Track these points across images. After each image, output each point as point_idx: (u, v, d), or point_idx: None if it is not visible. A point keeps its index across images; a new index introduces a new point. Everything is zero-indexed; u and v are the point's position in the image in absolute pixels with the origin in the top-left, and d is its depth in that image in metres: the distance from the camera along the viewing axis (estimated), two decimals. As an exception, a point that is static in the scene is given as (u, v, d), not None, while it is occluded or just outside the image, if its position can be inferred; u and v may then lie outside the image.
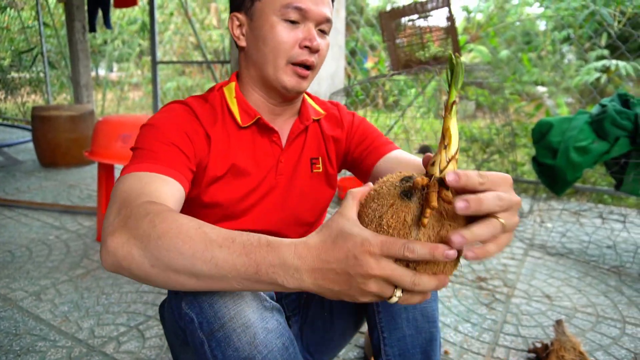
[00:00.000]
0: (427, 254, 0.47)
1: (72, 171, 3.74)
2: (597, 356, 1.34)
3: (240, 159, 0.86)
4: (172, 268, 0.54)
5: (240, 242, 0.53)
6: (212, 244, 0.53)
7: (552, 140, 2.06)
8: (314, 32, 0.81)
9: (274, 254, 0.51)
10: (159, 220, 0.56)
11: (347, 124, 0.99)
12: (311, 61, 0.81)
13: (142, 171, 0.69)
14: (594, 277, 1.88)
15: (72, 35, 4.32)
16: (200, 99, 0.88)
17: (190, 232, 0.54)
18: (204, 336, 0.63)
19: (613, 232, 2.41)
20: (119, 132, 1.87)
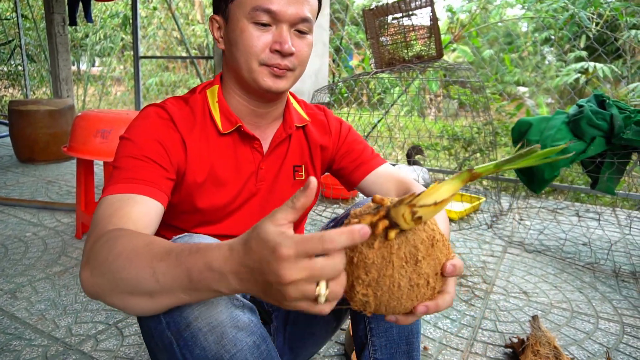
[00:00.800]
0: (346, 240, 0.44)
1: (51, 167, 3.66)
2: (572, 350, 1.37)
3: (220, 166, 0.86)
4: (127, 290, 0.56)
5: (175, 253, 0.53)
6: (153, 259, 0.54)
7: (531, 139, 2.10)
8: (286, 35, 0.78)
9: (202, 259, 0.51)
10: (115, 244, 0.58)
11: (334, 132, 0.99)
12: (284, 65, 0.80)
13: (115, 193, 0.71)
14: (569, 273, 1.92)
15: (52, 28, 4.22)
16: (180, 101, 0.87)
17: (139, 250, 0.56)
18: (171, 335, 0.62)
19: (589, 229, 2.47)
20: (98, 128, 1.84)
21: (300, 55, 0.82)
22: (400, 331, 0.82)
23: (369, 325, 0.83)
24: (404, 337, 0.83)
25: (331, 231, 0.44)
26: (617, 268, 1.97)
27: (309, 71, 2.82)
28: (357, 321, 0.86)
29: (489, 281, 1.83)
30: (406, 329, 0.83)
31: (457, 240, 2.29)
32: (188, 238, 0.68)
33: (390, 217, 0.50)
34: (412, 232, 0.51)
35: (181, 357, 0.62)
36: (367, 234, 0.44)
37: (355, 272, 0.51)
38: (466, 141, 3.38)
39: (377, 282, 0.50)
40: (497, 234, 2.38)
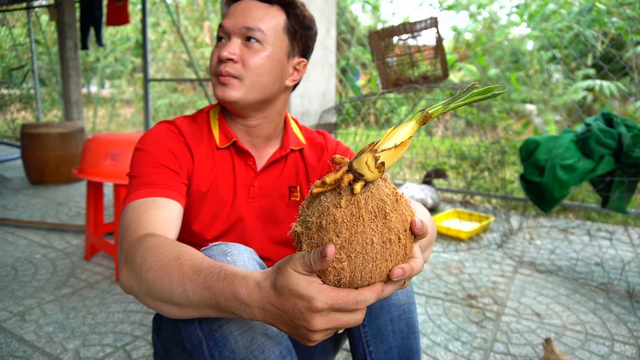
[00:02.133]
0: (377, 297, 0.51)
1: (61, 189, 3.70)
2: (587, 375, 1.33)
3: (220, 178, 0.91)
4: (160, 298, 0.61)
5: (204, 275, 0.57)
6: (184, 276, 0.58)
7: (539, 158, 2.09)
8: (228, 44, 0.85)
9: (229, 288, 0.54)
10: (148, 254, 0.63)
11: (330, 152, 1.01)
12: (224, 71, 0.84)
13: (138, 199, 0.76)
14: (582, 294, 1.89)
15: (64, 52, 4.33)
16: (189, 119, 0.94)
17: (169, 264, 0.60)
18: (202, 335, 0.66)
19: (601, 249, 2.43)
20: (108, 150, 1.87)
21: (247, 62, 0.85)
22: (399, 352, 0.81)
23: (367, 349, 0.82)
24: (404, 357, 0.81)
25: (364, 292, 0.50)
26: (632, 288, 1.93)
27: (316, 92, 2.85)
28: (356, 346, 0.84)
29: (500, 302, 1.80)
30: (406, 349, 0.81)
31: (467, 260, 2.26)
32: (220, 249, 0.71)
33: (353, 170, 0.50)
34: (375, 187, 0.51)
35: (209, 357, 0.65)
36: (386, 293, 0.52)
37: (325, 237, 0.50)
38: (474, 160, 3.37)
39: (350, 242, 0.49)
40: (507, 254, 2.35)
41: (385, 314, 0.80)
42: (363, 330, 0.81)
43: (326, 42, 2.86)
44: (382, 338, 0.80)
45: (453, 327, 1.61)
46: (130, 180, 0.82)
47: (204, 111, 0.95)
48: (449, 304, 1.79)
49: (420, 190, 2.76)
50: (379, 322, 0.80)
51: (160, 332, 0.93)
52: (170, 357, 0.90)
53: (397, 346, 0.80)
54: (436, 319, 1.66)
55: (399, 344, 0.80)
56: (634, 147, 1.88)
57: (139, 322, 1.60)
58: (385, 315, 0.80)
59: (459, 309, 1.74)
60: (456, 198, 3.48)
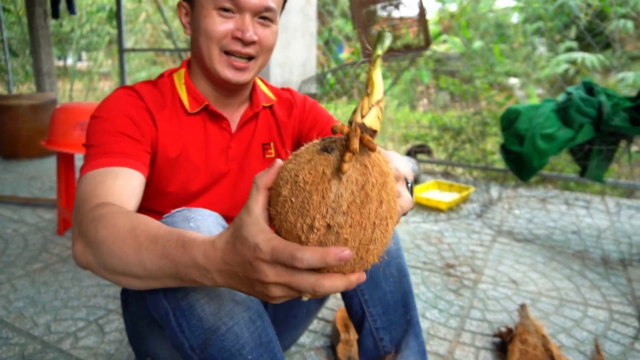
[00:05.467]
0: (318, 262, 0.42)
1: (34, 162, 3.59)
2: (560, 338, 1.36)
3: (191, 145, 0.87)
4: (117, 271, 0.58)
5: (162, 243, 0.54)
6: (140, 247, 0.55)
7: (520, 127, 2.08)
8: (248, 23, 0.79)
9: (187, 255, 0.51)
10: (101, 226, 0.59)
11: (299, 106, 1.00)
12: (245, 52, 0.81)
13: (95, 169, 0.72)
14: (558, 261, 1.91)
15: (33, 20, 4.13)
16: (149, 84, 0.88)
17: (124, 235, 0.57)
18: (168, 305, 0.63)
19: (578, 217, 2.47)
20: (77, 120, 1.79)
21: (264, 43, 0.83)
22: (394, 296, 0.84)
23: (362, 297, 0.84)
24: (399, 300, 0.84)
25: (305, 251, 0.42)
26: (606, 255, 1.96)
27: (296, 62, 2.77)
28: (350, 296, 0.85)
29: (477, 270, 1.81)
30: (399, 292, 0.84)
31: (446, 230, 2.27)
32: (183, 215, 0.68)
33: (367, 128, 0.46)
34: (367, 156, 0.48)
35: (177, 326, 0.62)
36: (345, 258, 0.43)
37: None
38: (455, 131, 3.36)
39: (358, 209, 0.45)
40: (486, 224, 2.36)
41: None
42: None
43: (306, 9, 2.77)
44: (376, 285, 0.83)
45: (431, 296, 1.61)
46: (87, 150, 0.77)
47: (164, 75, 0.90)
48: (428, 273, 1.80)
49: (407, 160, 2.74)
50: (371, 270, 0.81)
51: (127, 306, 0.91)
52: (139, 330, 0.87)
53: (391, 291, 0.84)
54: (414, 288, 1.67)
55: (392, 289, 0.84)
56: (614, 116, 1.88)
57: (113, 295, 1.57)
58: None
59: (437, 278, 1.75)
60: (437, 169, 3.48)
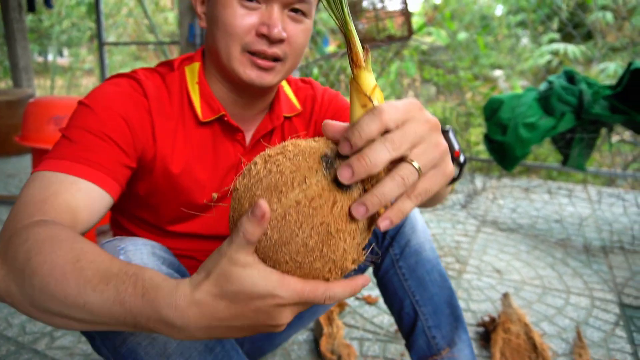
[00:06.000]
0: (350, 294, 0.43)
1: (12, 160, 3.50)
2: (543, 326, 1.36)
3: (197, 159, 0.75)
4: (50, 311, 0.46)
5: (114, 285, 0.43)
6: (85, 286, 0.44)
7: (503, 116, 2.08)
8: (277, 16, 0.65)
9: (151, 308, 0.42)
10: (35, 252, 0.47)
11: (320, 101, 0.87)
12: (270, 52, 0.67)
13: (58, 171, 0.59)
14: (541, 250, 1.92)
15: (7, 13, 4.01)
16: (157, 78, 0.73)
17: (65, 268, 0.45)
18: (108, 352, 0.56)
19: (561, 206, 2.49)
20: (51, 114, 1.74)
21: (294, 42, 0.69)
22: (440, 297, 0.87)
23: (414, 298, 0.87)
24: (445, 300, 0.87)
25: (335, 288, 0.41)
26: (588, 243, 1.98)
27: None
28: (401, 299, 0.88)
29: (462, 260, 1.81)
30: (444, 294, 0.88)
31: (431, 221, 2.27)
32: (112, 246, 0.58)
33: None
34: None
35: None
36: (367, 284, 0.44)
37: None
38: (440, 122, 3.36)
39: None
40: (471, 214, 2.36)
41: (421, 267, 0.86)
42: (406, 284, 0.87)
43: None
44: (424, 287, 0.87)
45: (415, 286, 1.61)
46: (61, 137, 0.64)
47: (173, 66, 0.75)
48: (412, 264, 1.79)
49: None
50: (418, 274, 0.87)
51: None
52: None
53: (437, 293, 0.87)
54: (398, 279, 1.66)
55: (437, 291, 0.87)
56: (594, 104, 1.89)
57: (91, 293, 1.53)
58: (421, 269, 0.86)
59: (421, 269, 1.75)
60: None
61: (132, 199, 0.77)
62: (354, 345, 1.25)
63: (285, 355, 1.21)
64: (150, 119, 0.69)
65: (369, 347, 1.25)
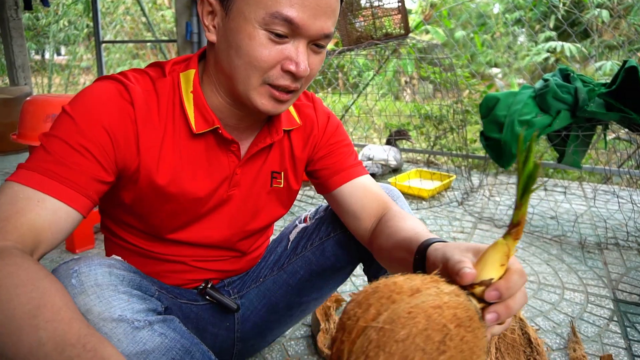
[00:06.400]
0: None
1: (9, 158, 3.49)
2: (538, 321, 1.37)
3: (187, 172, 0.74)
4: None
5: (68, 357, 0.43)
6: (38, 349, 0.43)
7: (499, 114, 2.09)
8: (303, 53, 0.64)
9: None
10: None
11: (320, 128, 0.87)
12: (294, 87, 0.67)
13: (28, 185, 0.58)
14: (537, 246, 1.94)
15: (3, 12, 4.00)
16: (147, 79, 0.71)
17: (21, 323, 0.44)
18: None
19: (556, 203, 2.50)
20: (47, 112, 1.74)
21: (312, 74, 0.69)
22: None
23: None
24: None
25: None
26: (583, 239, 1.99)
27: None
28: None
29: (458, 257, 1.83)
30: None
31: (428, 218, 2.28)
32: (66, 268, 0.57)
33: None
34: None
35: None
36: None
37: None
38: (437, 119, 3.37)
39: None
40: (467, 211, 2.38)
41: None
42: None
43: None
44: None
45: (411, 283, 1.62)
46: (39, 147, 0.62)
47: (165, 70, 0.72)
48: (409, 260, 1.80)
49: (383, 151, 2.74)
50: None
51: None
52: None
53: None
54: (395, 276, 1.67)
55: None
56: (589, 102, 1.90)
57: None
58: None
59: (418, 265, 1.76)
60: (420, 158, 3.50)
61: (119, 206, 0.76)
62: (351, 340, 1.26)
63: (283, 351, 1.22)
64: (135, 128, 0.67)
65: (365, 343, 1.26)
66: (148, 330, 0.54)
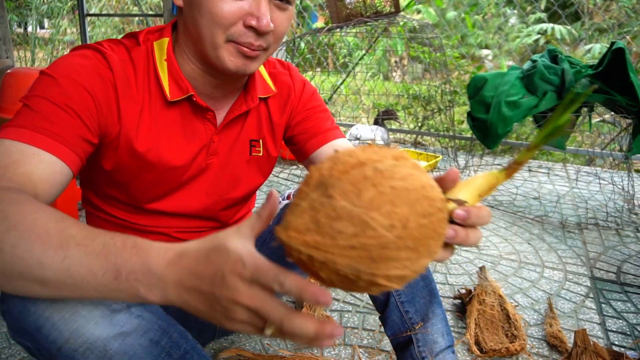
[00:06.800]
0: (295, 292, 0.39)
1: (-9, 134, 3.43)
2: (517, 298, 1.41)
3: (165, 139, 0.74)
4: (15, 272, 0.46)
5: (101, 241, 0.45)
6: (68, 241, 0.45)
7: (486, 95, 2.10)
8: (264, 7, 0.64)
9: (138, 257, 0.44)
10: (13, 210, 0.47)
11: (296, 95, 0.88)
12: (257, 44, 0.66)
13: (20, 140, 0.58)
14: (519, 226, 1.97)
15: (-18, -19, 3.86)
16: (123, 50, 0.71)
17: (48, 225, 0.46)
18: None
19: (540, 184, 2.54)
20: (28, 86, 1.70)
21: (279, 31, 0.68)
22: (417, 283, 0.86)
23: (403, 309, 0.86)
24: (423, 287, 0.86)
25: (287, 277, 0.40)
26: (564, 220, 2.03)
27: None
28: (391, 308, 0.87)
29: (442, 236, 1.85)
30: (421, 281, 0.87)
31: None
32: None
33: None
34: None
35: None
36: (322, 303, 0.40)
37: None
38: (425, 100, 3.37)
39: None
40: (453, 192, 2.40)
41: None
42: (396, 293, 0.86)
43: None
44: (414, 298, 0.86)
45: (395, 260, 1.64)
46: (23, 106, 0.62)
47: (139, 39, 0.72)
48: (394, 239, 1.82)
49: (370, 131, 2.74)
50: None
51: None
52: None
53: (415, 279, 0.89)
54: (380, 253, 1.69)
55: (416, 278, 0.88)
56: (575, 83, 1.91)
57: None
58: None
59: (402, 244, 1.78)
60: (408, 139, 3.50)
61: (101, 175, 0.76)
62: (334, 317, 1.29)
63: (267, 326, 1.24)
64: (116, 94, 0.68)
65: (348, 319, 1.28)
66: (125, 312, 0.54)
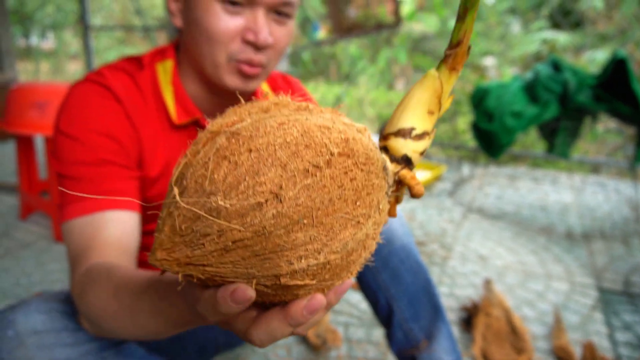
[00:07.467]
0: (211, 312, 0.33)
1: (-4, 146, 3.45)
2: (523, 310, 1.39)
3: (174, 162, 0.73)
4: (124, 336, 0.52)
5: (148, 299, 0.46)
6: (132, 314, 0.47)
7: (489, 105, 2.10)
8: (263, 21, 0.63)
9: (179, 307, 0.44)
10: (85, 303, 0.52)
11: None
12: (257, 61, 0.65)
13: (81, 215, 0.60)
14: (525, 236, 1.96)
15: (-12, -4, 3.91)
16: (123, 75, 0.69)
17: (108, 309, 0.49)
18: None
19: (545, 194, 2.53)
20: (34, 100, 1.71)
21: (279, 46, 0.67)
22: (416, 286, 0.84)
23: (388, 292, 0.84)
24: (421, 289, 0.85)
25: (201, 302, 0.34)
26: (570, 230, 2.02)
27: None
28: (375, 292, 0.86)
29: (447, 247, 1.84)
30: (420, 282, 0.85)
31: (418, 208, 2.29)
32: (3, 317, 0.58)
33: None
34: None
35: None
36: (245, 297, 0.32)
37: None
38: (428, 110, 3.37)
39: None
40: (457, 201, 2.39)
41: (394, 257, 0.82)
42: (380, 277, 0.83)
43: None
44: (399, 278, 0.83)
45: (400, 272, 1.63)
46: (62, 179, 0.62)
47: (143, 63, 0.71)
48: (398, 250, 1.81)
49: (375, 141, 2.74)
50: (391, 265, 0.82)
51: None
52: None
53: (412, 282, 0.84)
54: (384, 265, 1.68)
55: (413, 279, 0.84)
56: (578, 93, 1.91)
57: (78, 280, 1.53)
58: (394, 259, 0.82)
59: (407, 255, 1.77)
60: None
61: None
62: (340, 329, 1.28)
63: (271, 340, 1.23)
64: (131, 122, 0.67)
65: (354, 332, 1.27)
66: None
